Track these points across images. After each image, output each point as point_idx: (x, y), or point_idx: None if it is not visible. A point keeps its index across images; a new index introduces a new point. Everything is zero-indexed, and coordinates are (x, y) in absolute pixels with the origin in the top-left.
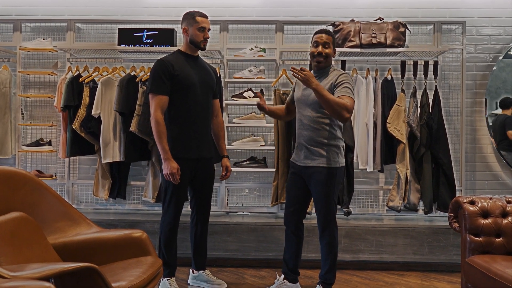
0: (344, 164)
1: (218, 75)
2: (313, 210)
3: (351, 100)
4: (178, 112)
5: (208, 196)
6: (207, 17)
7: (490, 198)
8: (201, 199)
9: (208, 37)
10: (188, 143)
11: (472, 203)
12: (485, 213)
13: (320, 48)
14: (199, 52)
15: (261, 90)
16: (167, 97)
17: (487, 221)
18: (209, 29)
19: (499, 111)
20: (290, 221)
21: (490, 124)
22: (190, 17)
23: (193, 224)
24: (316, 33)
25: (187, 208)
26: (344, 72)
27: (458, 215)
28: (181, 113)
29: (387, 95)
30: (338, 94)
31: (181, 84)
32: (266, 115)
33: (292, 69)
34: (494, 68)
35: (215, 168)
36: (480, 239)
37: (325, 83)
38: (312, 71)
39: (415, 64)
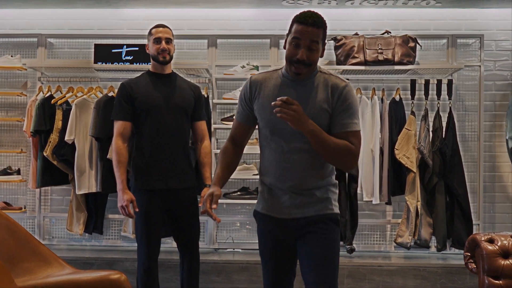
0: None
1: (206, 95)
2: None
3: (360, 137)
4: (142, 139)
5: (188, 230)
6: (165, 26)
7: None
8: (181, 234)
9: (166, 48)
10: (153, 173)
11: (491, 241)
12: (505, 253)
13: (301, 52)
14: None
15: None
16: (129, 122)
17: (508, 262)
18: (169, 39)
19: None
20: None
21: (511, 146)
22: (148, 32)
23: (180, 262)
24: (298, 21)
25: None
26: (344, 81)
27: (475, 254)
28: (144, 140)
29: (395, 118)
30: (342, 129)
31: (141, 108)
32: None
33: (274, 105)
34: None
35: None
36: (500, 282)
37: (311, 98)
38: (282, 76)
39: (427, 83)
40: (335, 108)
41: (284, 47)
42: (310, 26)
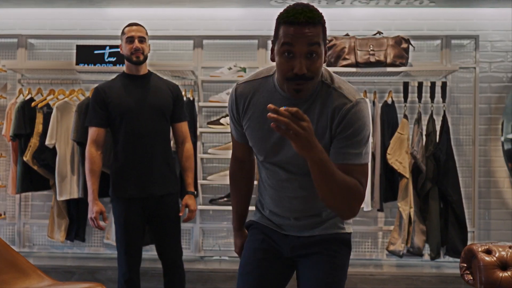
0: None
1: (192, 98)
2: None
3: (367, 173)
4: (118, 145)
5: (170, 239)
6: (138, 25)
7: (510, 247)
8: (162, 244)
9: (139, 48)
10: (130, 181)
11: (488, 252)
12: (504, 265)
13: (298, 64)
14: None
15: None
16: (102, 129)
17: (506, 274)
18: (142, 38)
19: None
20: None
21: (506, 148)
22: (121, 32)
23: (163, 273)
24: (286, 21)
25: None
26: (350, 99)
27: (472, 265)
28: (120, 146)
29: (387, 122)
30: (341, 160)
31: (115, 113)
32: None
33: (271, 109)
34: None
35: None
36: None
37: (313, 120)
38: (274, 88)
39: (420, 85)
40: (336, 135)
41: (272, 59)
42: (304, 26)
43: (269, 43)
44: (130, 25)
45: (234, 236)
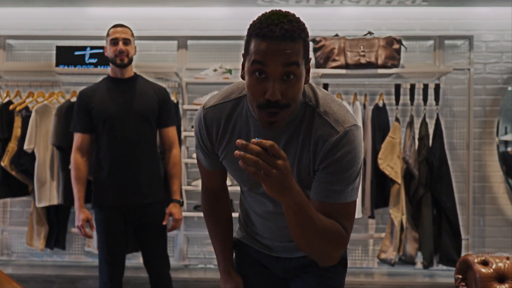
0: None
1: (176, 100)
2: None
3: (353, 213)
4: (101, 151)
5: (156, 249)
6: (123, 26)
7: (507, 258)
8: (148, 254)
9: (123, 50)
10: (112, 189)
11: (485, 263)
12: (501, 277)
13: (272, 88)
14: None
15: None
16: (87, 135)
17: (504, 287)
18: (127, 39)
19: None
20: None
21: (501, 150)
22: (106, 34)
23: (150, 283)
24: (258, 34)
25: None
26: (336, 129)
27: (468, 277)
28: (103, 152)
29: (378, 125)
30: (323, 198)
31: (98, 118)
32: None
33: (238, 145)
34: (510, 88)
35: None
36: None
37: (291, 154)
38: (250, 113)
39: (412, 87)
40: (319, 169)
41: (242, 77)
42: (280, 41)
43: None
44: (115, 26)
45: (221, 280)
